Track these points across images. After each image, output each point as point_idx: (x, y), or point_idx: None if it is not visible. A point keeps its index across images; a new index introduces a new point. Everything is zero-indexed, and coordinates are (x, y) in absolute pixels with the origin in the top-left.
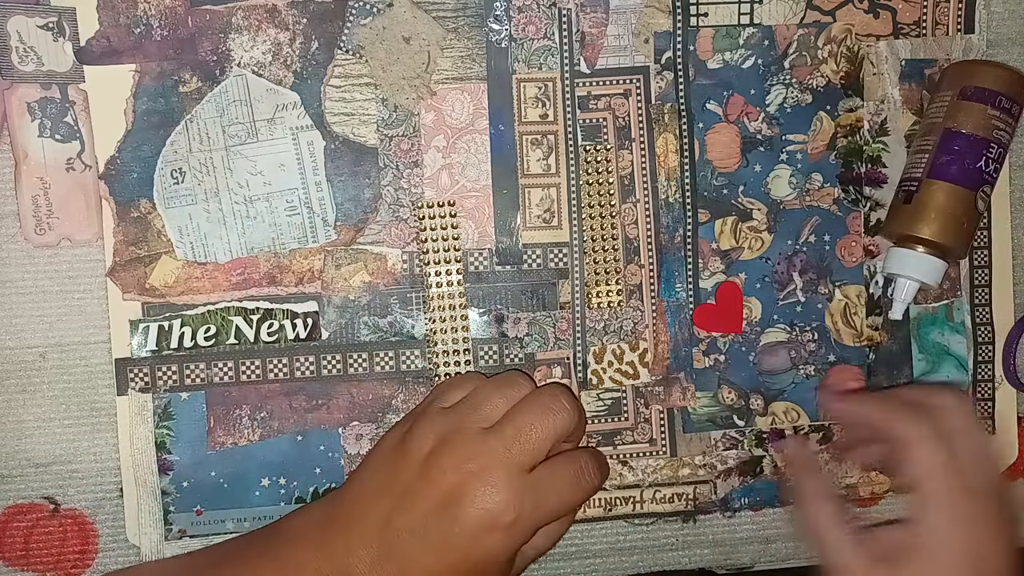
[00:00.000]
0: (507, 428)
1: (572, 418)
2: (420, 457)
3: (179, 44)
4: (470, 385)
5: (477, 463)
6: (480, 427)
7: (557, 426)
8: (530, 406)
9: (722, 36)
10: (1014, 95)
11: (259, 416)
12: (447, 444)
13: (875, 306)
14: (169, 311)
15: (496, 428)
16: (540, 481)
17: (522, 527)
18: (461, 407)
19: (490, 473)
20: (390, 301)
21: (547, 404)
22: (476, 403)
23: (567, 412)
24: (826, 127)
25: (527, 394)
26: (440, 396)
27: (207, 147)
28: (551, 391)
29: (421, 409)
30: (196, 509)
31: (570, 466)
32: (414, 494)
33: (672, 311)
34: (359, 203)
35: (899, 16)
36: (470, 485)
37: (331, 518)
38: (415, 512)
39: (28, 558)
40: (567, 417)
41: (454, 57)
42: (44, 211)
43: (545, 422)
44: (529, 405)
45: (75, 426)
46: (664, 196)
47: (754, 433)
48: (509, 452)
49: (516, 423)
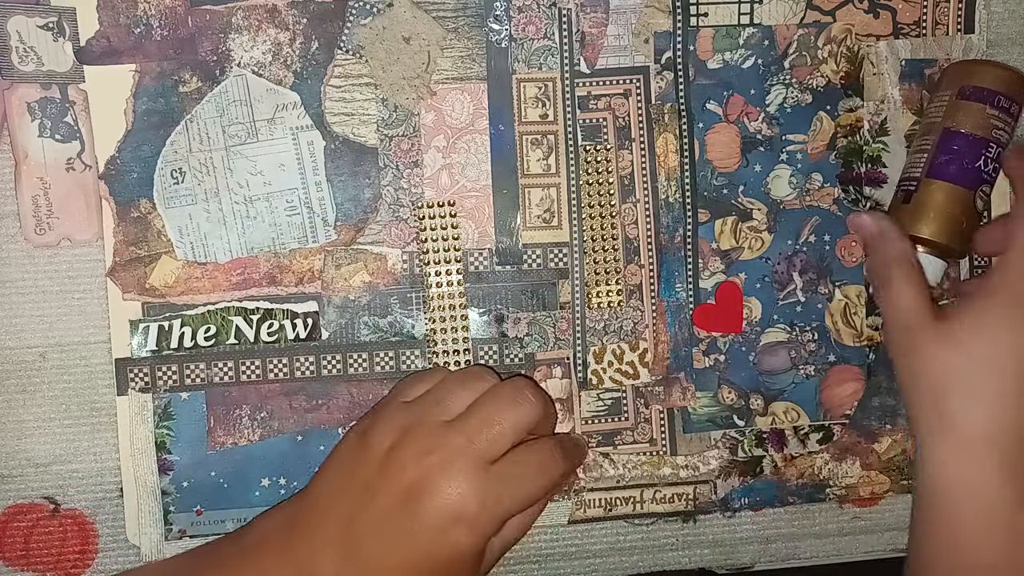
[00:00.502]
0: (470, 420)
1: (537, 410)
2: (380, 452)
3: (179, 44)
4: (433, 379)
5: (438, 456)
6: (442, 420)
7: (520, 418)
8: (493, 399)
9: (722, 36)
10: (1013, 95)
11: (259, 416)
12: (408, 437)
13: (875, 306)
14: (169, 311)
15: (458, 420)
16: (503, 472)
17: (487, 520)
18: (423, 400)
19: (452, 465)
20: (390, 301)
21: (511, 396)
22: (438, 396)
23: (531, 404)
24: (826, 127)
25: (490, 387)
26: (402, 391)
27: (207, 147)
28: (515, 384)
29: (382, 404)
30: (196, 509)
31: (534, 455)
32: (374, 490)
33: (672, 311)
34: (359, 203)
35: (899, 16)
36: (431, 478)
37: (294, 521)
38: (376, 508)
39: (28, 558)
40: (531, 409)
41: (454, 57)
42: (44, 211)
43: (508, 414)
44: (492, 398)
45: (75, 426)
46: (664, 196)
47: (754, 433)
48: (471, 444)
49: (479, 415)
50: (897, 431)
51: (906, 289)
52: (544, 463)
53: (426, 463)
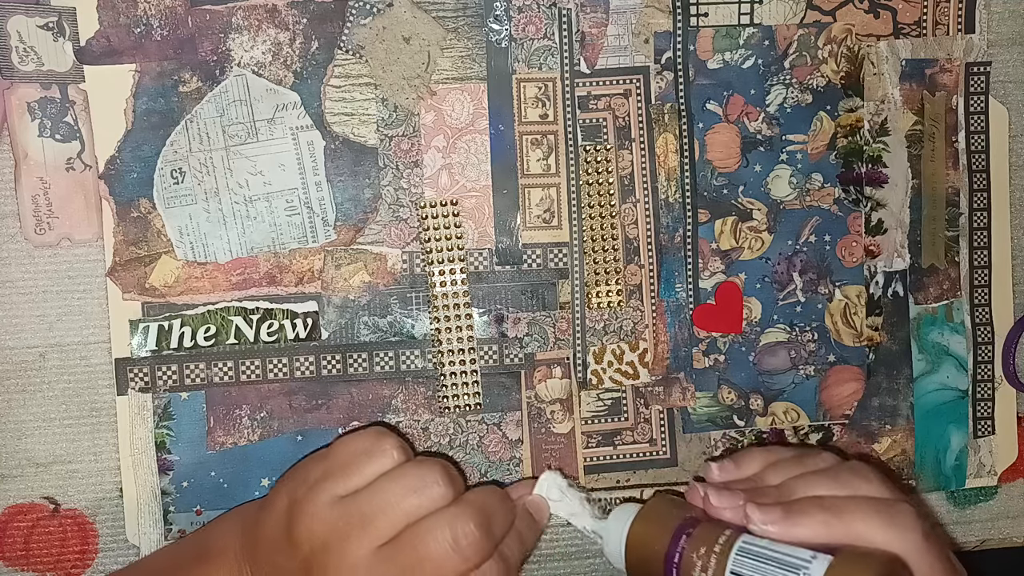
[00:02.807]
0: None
1: (437, 496)
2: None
3: (179, 44)
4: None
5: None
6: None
7: (414, 506)
8: (391, 482)
9: (722, 36)
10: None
11: (259, 416)
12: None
13: (875, 306)
14: (169, 311)
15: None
16: (395, 553)
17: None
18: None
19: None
20: (390, 301)
21: (413, 483)
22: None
23: (433, 490)
24: (826, 127)
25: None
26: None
27: (207, 147)
28: (421, 472)
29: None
30: (196, 509)
31: (436, 534)
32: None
33: (672, 311)
34: (359, 203)
35: (899, 16)
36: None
37: (205, 552)
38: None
39: (28, 558)
40: (431, 496)
41: (454, 57)
42: (44, 211)
43: (403, 502)
44: (390, 480)
45: (75, 426)
46: (664, 196)
47: (754, 433)
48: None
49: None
50: (897, 431)
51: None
52: (455, 542)
53: (319, 540)
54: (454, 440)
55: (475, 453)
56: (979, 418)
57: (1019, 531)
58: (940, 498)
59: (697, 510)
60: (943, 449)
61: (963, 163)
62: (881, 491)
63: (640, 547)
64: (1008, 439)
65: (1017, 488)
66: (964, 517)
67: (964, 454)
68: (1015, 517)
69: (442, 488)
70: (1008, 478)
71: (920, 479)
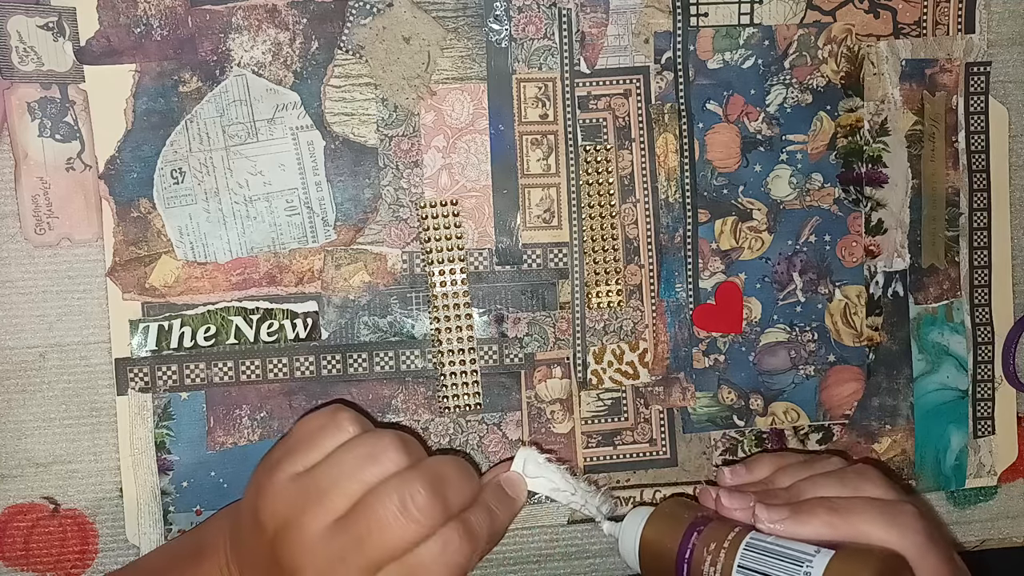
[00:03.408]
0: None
1: (395, 463)
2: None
3: (179, 44)
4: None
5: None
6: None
7: (369, 477)
8: (345, 453)
9: (722, 36)
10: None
11: (259, 416)
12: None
13: (875, 306)
14: (169, 311)
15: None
16: (348, 526)
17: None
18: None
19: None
20: (390, 301)
21: (366, 453)
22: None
23: (390, 461)
24: (826, 127)
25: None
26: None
27: (207, 147)
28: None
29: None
30: (196, 509)
31: (384, 499)
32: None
33: (672, 311)
34: (359, 203)
35: (899, 16)
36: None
37: (200, 548)
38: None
39: (28, 558)
40: (384, 466)
41: (454, 57)
42: (44, 211)
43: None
44: (345, 452)
45: (75, 426)
46: (664, 196)
47: (754, 433)
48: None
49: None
50: (897, 431)
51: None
52: (401, 506)
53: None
54: (454, 440)
55: (475, 453)
56: (979, 418)
57: (1019, 531)
58: (940, 498)
59: (709, 511)
60: (943, 449)
61: (963, 163)
62: (886, 493)
63: (653, 544)
64: (1008, 439)
65: (1017, 488)
66: (964, 517)
67: (964, 454)
68: (1015, 517)
69: (396, 455)
70: (1008, 478)
71: (920, 479)
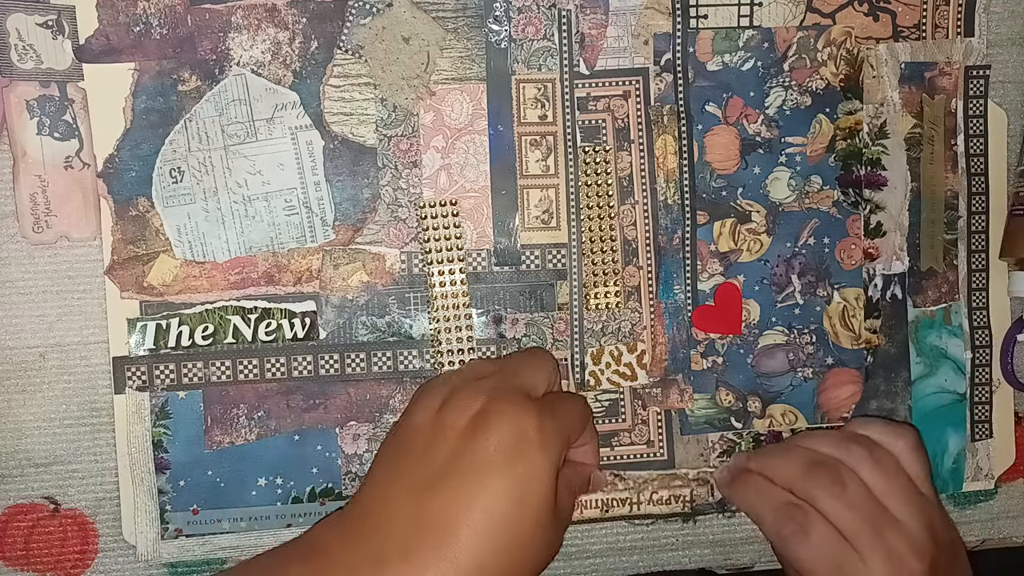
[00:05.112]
0: (502, 369)
1: (554, 364)
2: (428, 421)
3: (178, 43)
4: (449, 373)
5: (484, 396)
6: (475, 379)
7: (546, 365)
8: (517, 356)
9: (721, 38)
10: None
11: (256, 415)
12: (453, 396)
13: (873, 309)
14: (167, 310)
15: (490, 375)
16: (548, 401)
17: (550, 434)
18: (450, 376)
19: (500, 398)
20: (388, 301)
21: (532, 351)
22: (464, 371)
23: (550, 358)
24: (825, 129)
25: (508, 355)
26: (424, 394)
27: (206, 146)
28: (530, 348)
29: (411, 400)
30: (192, 508)
31: (567, 395)
32: (435, 445)
33: (670, 313)
34: (357, 203)
35: (899, 19)
36: (485, 414)
37: (350, 519)
38: (440, 457)
39: (28, 558)
40: (551, 361)
41: (453, 57)
42: (42, 209)
43: (535, 361)
44: (516, 356)
45: (75, 426)
46: (663, 198)
47: (752, 435)
48: (512, 381)
49: (508, 366)
50: None
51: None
52: (578, 402)
53: (475, 406)
54: None
55: None
56: (977, 421)
57: (1019, 531)
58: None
59: None
60: (941, 452)
61: (962, 166)
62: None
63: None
64: (1006, 443)
65: (1017, 488)
66: (964, 517)
67: (962, 457)
68: (1015, 517)
69: (551, 359)
70: (1008, 478)
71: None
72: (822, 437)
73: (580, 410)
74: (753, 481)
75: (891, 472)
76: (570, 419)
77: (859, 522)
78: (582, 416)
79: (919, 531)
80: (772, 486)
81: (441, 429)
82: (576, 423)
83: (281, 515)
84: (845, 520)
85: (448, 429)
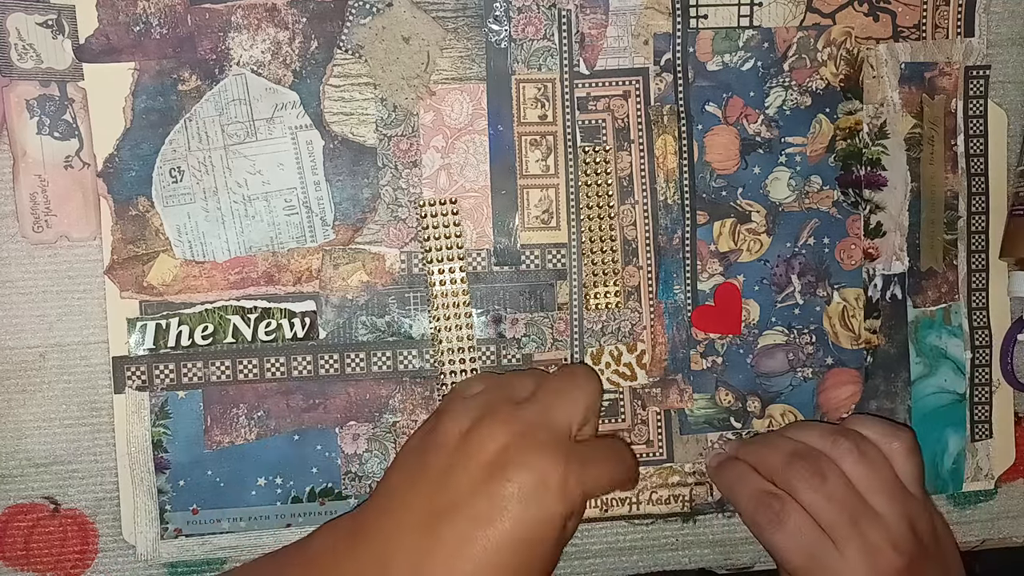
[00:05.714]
0: (542, 397)
1: (598, 391)
2: (455, 438)
3: (178, 42)
4: (486, 380)
5: (517, 428)
6: (513, 401)
7: (587, 397)
8: (559, 379)
9: (722, 38)
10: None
11: (256, 415)
12: (482, 420)
13: (873, 309)
14: (167, 309)
15: (529, 399)
16: (581, 450)
17: (572, 488)
18: (488, 390)
19: (532, 437)
20: (388, 301)
21: (575, 374)
22: (503, 384)
23: (595, 384)
24: (825, 130)
25: (548, 375)
26: (461, 391)
27: (206, 146)
28: (574, 369)
29: (442, 407)
30: (192, 508)
31: (607, 441)
32: (455, 470)
33: (670, 313)
34: (357, 203)
35: (899, 19)
36: (514, 448)
37: (359, 525)
38: (457, 487)
39: (28, 558)
40: (595, 389)
41: (453, 57)
42: (42, 208)
43: (576, 392)
44: (557, 379)
45: (75, 426)
46: (663, 198)
47: (751, 435)
48: (546, 416)
49: (549, 392)
50: None
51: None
52: (618, 449)
53: (506, 437)
54: None
55: None
56: (977, 421)
57: (1019, 531)
58: (939, 498)
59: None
60: (940, 452)
61: (962, 166)
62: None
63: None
64: (1005, 443)
65: (1017, 488)
66: (964, 517)
67: (961, 457)
68: (1015, 517)
69: (596, 384)
70: (1008, 478)
71: None
72: (811, 429)
73: (614, 464)
74: (736, 468)
75: (875, 466)
76: (597, 473)
77: (836, 513)
78: (613, 471)
79: (899, 525)
80: (753, 474)
81: (465, 456)
82: (603, 479)
83: (281, 515)
84: (823, 511)
85: (471, 459)
